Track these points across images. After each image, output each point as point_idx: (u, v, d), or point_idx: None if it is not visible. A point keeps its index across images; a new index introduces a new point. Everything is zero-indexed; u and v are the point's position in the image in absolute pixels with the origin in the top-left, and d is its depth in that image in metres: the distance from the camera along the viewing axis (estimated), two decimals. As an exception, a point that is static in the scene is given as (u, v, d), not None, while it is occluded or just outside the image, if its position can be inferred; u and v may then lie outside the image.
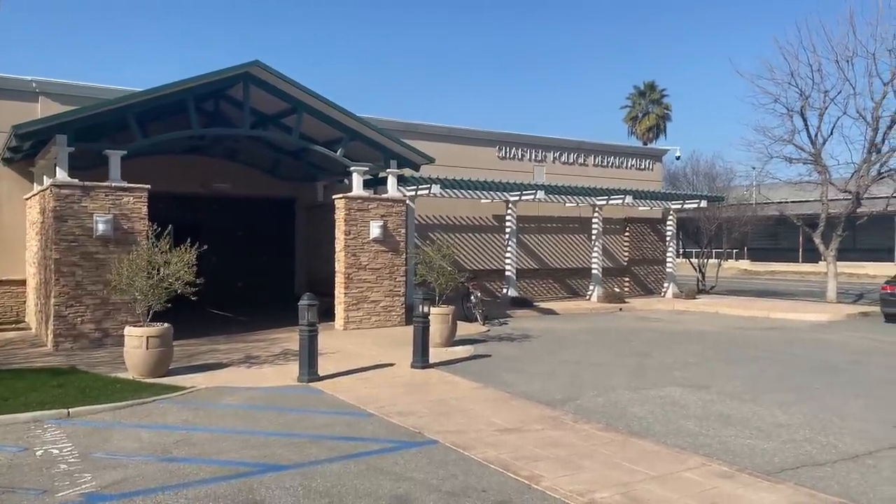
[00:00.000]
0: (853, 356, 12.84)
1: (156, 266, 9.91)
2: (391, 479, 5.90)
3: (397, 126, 19.22)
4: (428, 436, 7.16)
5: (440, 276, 13.21)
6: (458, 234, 20.90)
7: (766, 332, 16.37)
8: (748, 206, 30.95)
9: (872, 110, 22.41)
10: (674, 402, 8.93)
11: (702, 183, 31.10)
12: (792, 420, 8.04)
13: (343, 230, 15.02)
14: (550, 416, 8.10)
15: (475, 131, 22.20)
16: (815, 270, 36.94)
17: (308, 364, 9.67)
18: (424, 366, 10.74)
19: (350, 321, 15.00)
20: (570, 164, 24.24)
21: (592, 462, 6.37)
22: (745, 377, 10.67)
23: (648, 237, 25.43)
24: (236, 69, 13.53)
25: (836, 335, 15.82)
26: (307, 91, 14.15)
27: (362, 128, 15.12)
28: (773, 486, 5.80)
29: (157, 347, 9.72)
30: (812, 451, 6.88)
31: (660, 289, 25.05)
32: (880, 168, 22.93)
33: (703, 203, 24.15)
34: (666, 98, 55.98)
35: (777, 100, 23.40)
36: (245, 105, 14.13)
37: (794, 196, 31.77)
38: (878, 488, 5.83)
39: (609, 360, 12.11)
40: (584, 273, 23.28)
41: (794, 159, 23.94)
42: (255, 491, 5.61)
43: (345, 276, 14.98)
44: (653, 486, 5.73)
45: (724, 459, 6.51)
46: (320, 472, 6.05)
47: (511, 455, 6.52)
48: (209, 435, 7.18)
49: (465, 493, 5.61)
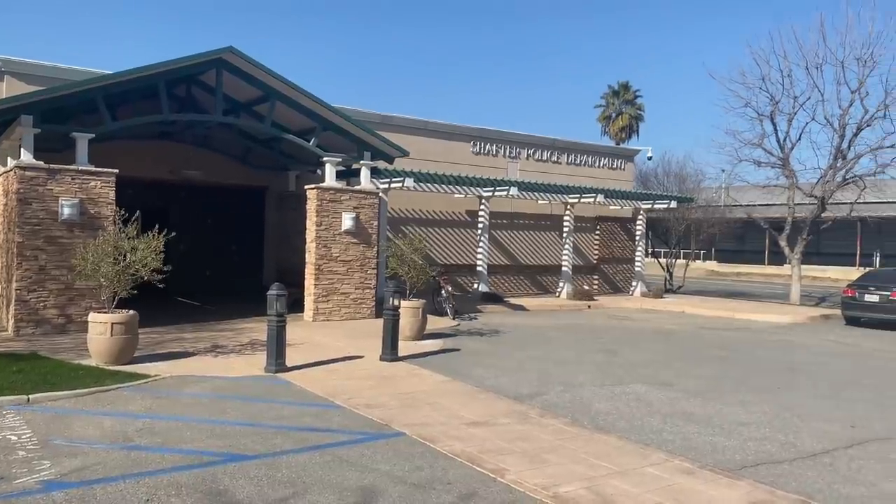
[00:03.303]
0: (814, 357, 13.12)
1: (122, 252, 9.75)
2: (357, 471, 5.88)
3: (372, 118, 19.12)
4: (395, 428, 7.16)
5: (411, 269, 13.20)
6: (431, 229, 20.89)
7: (730, 332, 16.64)
8: (717, 208, 31.40)
9: (839, 117, 22.91)
10: (639, 398, 9.04)
11: (672, 184, 31.50)
12: (753, 419, 8.19)
13: (315, 221, 14.92)
14: (517, 410, 8.15)
15: (450, 126, 22.18)
16: (780, 273, 37.63)
17: (276, 354, 9.59)
18: (393, 359, 10.72)
19: (319, 313, 14.91)
20: (544, 162, 24.36)
21: (557, 456, 6.43)
22: (708, 376, 10.84)
23: (618, 236, 25.68)
24: (209, 55, 13.34)
25: (798, 337, 16.14)
26: (280, 79, 14.01)
27: (336, 118, 15.02)
28: (733, 482, 5.91)
29: (121, 334, 9.57)
30: (772, 449, 7.01)
31: (628, 287, 25.31)
32: (845, 174, 23.42)
33: (672, 204, 24.44)
34: (639, 99, 56.53)
35: (748, 104, 23.80)
36: (217, 91, 13.94)
37: (761, 199, 32.31)
38: (833, 486, 5.97)
39: (577, 356, 12.21)
40: (554, 270, 23.43)
41: (763, 163, 24.37)
42: (219, 480, 5.56)
43: (315, 267, 14.89)
44: (616, 481, 5.80)
45: (686, 456, 6.61)
46: (285, 463, 6.02)
47: (477, 448, 6.55)
48: (173, 423, 7.09)
49: (430, 485, 5.62)
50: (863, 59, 22.06)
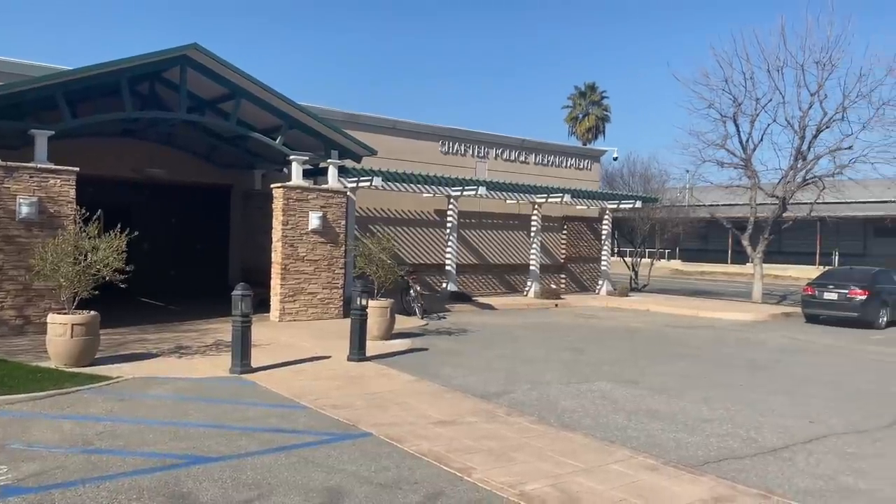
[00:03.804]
0: (775, 354, 13.39)
1: (83, 252, 9.55)
2: (323, 472, 5.85)
3: (339, 116, 19.01)
4: (362, 428, 7.13)
5: (380, 269, 13.16)
6: (400, 228, 20.85)
7: (694, 330, 16.91)
8: (681, 208, 31.87)
9: (799, 119, 23.44)
10: (604, 396, 9.14)
11: (637, 184, 31.89)
12: (716, 415, 8.33)
13: (281, 220, 14.78)
14: (485, 409, 8.18)
15: (418, 125, 22.16)
16: (742, 272, 38.34)
17: (241, 355, 9.49)
18: (361, 359, 10.68)
19: (286, 313, 14.79)
20: (512, 162, 24.46)
21: (524, 454, 6.46)
22: (672, 373, 11.00)
23: (585, 236, 25.92)
24: (173, 51, 13.13)
25: (760, 334, 16.46)
26: (246, 76, 13.86)
27: (302, 116, 14.90)
28: (695, 478, 6.00)
29: (82, 336, 9.37)
30: (734, 444, 7.14)
31: (595, 286, 25.56)
32: (805, 175, 23.96)
33: (637, 204, 24.75)
34: (606, 100, 57.10)
35: (711, 105, 24.22)
36: (182, 89, 13.74)
37: (724, 199, 32.87)
38: (792, 480, 6.10)
39: (544, 354, 12.29)
40: (522, 269, 23.55)
41: (726, 163, 24.82)
42: (182, 483, 5.48)
43: (282, 266, 14.76)
44: (581, 478, 5.85)
45: (650, 452, 6.69)
46: (251, 465, 5.96)
47: (444, 447, 6.56)
48: (135, 426, 6.97)
49: (397, 485, 5.61)
50: (822, 62, 22.62)
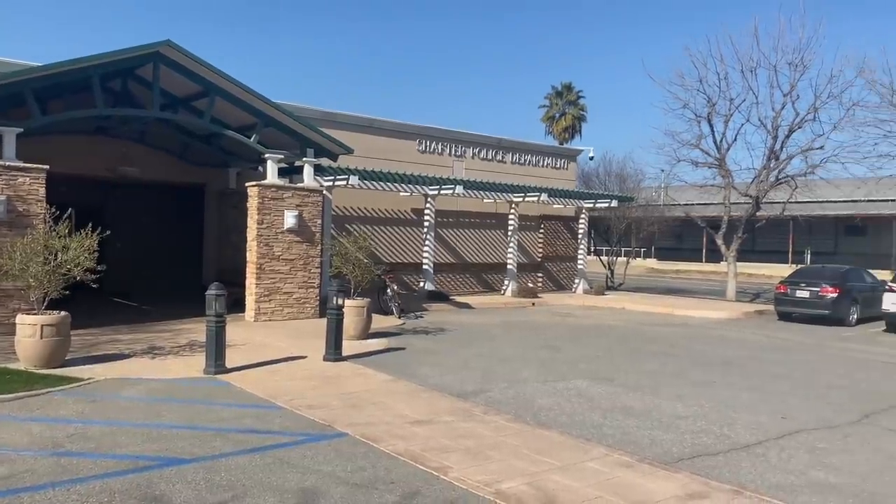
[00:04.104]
0: (748, 352, 13.56)
1: (53, 251, 9.39)
2: (298, 472, 5.80)
3: (315, 114, 18.89)
4: (338, 428, 7.09)
5: (356, 268, 13.10)
6: (377, 227, 20.78)
7: (669, 328, 17.06)
8: (656, 207, 32.14)
9: (772, 119, 23.75)
10: (580, 394, 9.18)
11: (613, 183, 32.13)
12: (690, 412, 8.41)
13: (256, 219, 14.65)
14: (461, 408, 8.17)
15: (395, 123, 22.10)
16: (717, 270, 38.77)
17: (215, 355, 9.39)
18: (337, 359, 10.62)
19: (261, 313, 14.67)
20: (489, 161, 24.50)
21: (500, 453, 6.47)
22: (648, 371, 11.09)
23: (562, 234, 26.04)
24: (146, 48, 12.96)
25: (733, 332, 16.66)
26: (220, 73, 13.72)
27: (277, 114, 14.79)
28: (670, 475, 6.05)
29: (52, 336, 9.21)
30: (707, 441, 7.21)
31: (571, 285, 25.69)
32: (778, 174, 24.29)
33: (613, 203, 24.93)
34: (582, 99, 57.41)
35: (686, 105, 24.44)
36: (155, 86, 13.57)
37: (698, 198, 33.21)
38: (765, 476, 6.17)
39: (521, 353, 12.33)
40: (499, 268, 23.60)
41: (700, 163, 25.07)
42: (155, 485, 5.40)
43: (257, 266, 14.63)
44: (557, 476, 5.87)
45: (625, 450, 6.74)
46: (225, 466, 5.89)
47: (421, 447, 6.54)
48: (107, 428, 6.86)
49: (373, 485, 5.59)
50: (794, 63, 22.95)
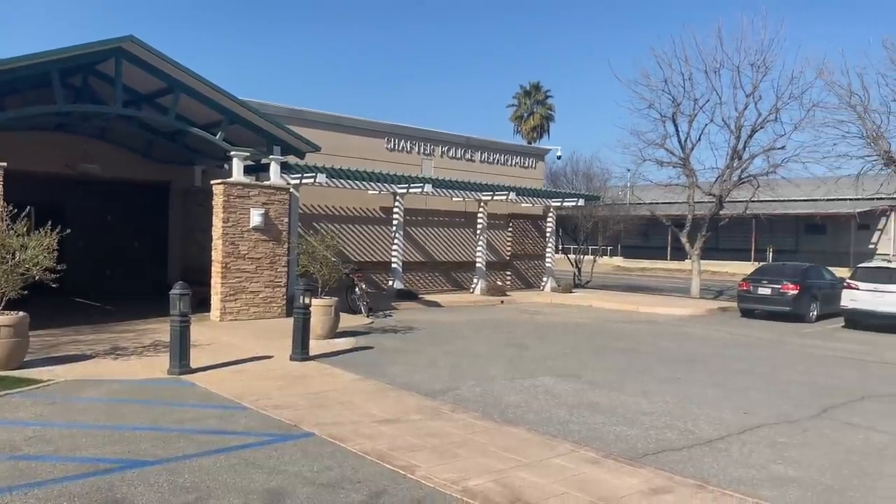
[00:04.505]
0: (712, 348, 13.78)
1: (10, 250, 9.17)
2: (264, 473, 5.75)
3: (282, 112, 18.70)
4: (304, 428, 7.03)
5: (323, 267, 13.02)
6: (345, 225, 20.67)
7: (635, 324, 17.27)
8: (622, 206, 32.53)
9: (735, 119, 24.17)
10: (548, 391, 9.25)
11: (580, 182, 32.43)
12: (655, 408, 8.52)
13: (221, 217, 14.47)
14: (429, 406, 8.17)
15: (364, 121, 21.99)
16: (681, 268, 39.36)
17: (179, 356, 9.26)
18: (304, 358, 10.54)
19: (227, 312, 14.49)
20: (458, 159, 24.51)
21: (468, 450, 6.48)
22: (614, 367, 11.21)
23: (530, 233, 26.18)
24: (108, 43, 12.71)
25: (697, 328, 16.92)
26: (185, 70, 13.52)
27: (243, 111, 14.62)
28: (635, 470, 6.12)
29: (9, 338, 8.99)
30: (672, 436, 7.31)
31: (539, 283, 25.85)
32: (741, 174, 24.70)
33: (580, 202, 25.14)
34: (550, 99, 57.85)
35: (651, 105, 24.74)
36: (117, 82, 13.32)
37: (663, 197, 33.72)
38: (727, 470, 6.28)
39: (489, 351, 12.37)
40: (468, 266, 23.64)
41: (665, 162, 25.39)
42: (116, 488, 5.31)
43: (222, 265, 14.45)
44: (524, 473, 5.90)
45: (591, 446, 6.80)
46: (188, 467, 5.81)
47: (388, 446, 6.52)
48: (67, 431, 6.72)
49: (339, 484, 5.56)
50: (756, 64, 23.37)
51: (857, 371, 11.75)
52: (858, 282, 17.80)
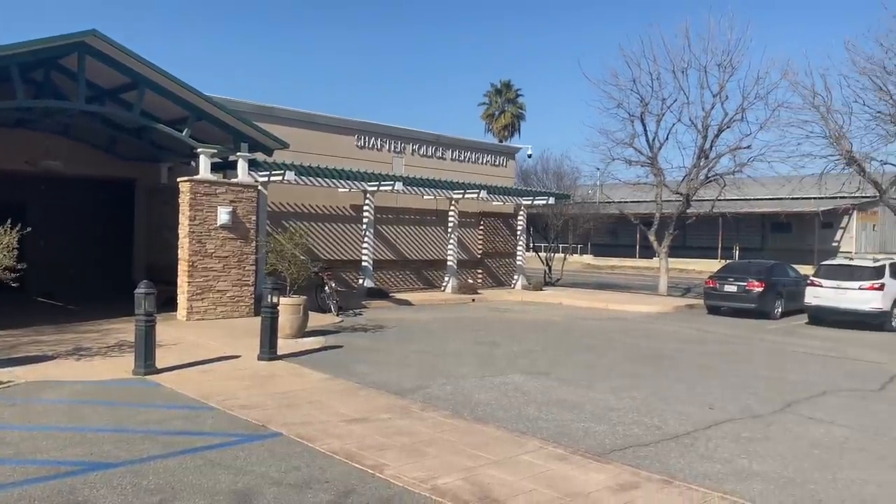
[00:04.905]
0: (679, 345, 13.95)
1: (-32, 249, 8.94)
2: (231, 474, 5.68)
3: (250, 108, 18.49)
4: (272, 428, 6.97)
5: (292, 265, 12.90)
6: (314, 223, 20.51)
7: (603, 322, 17.42)
8: (592, 205, 32.79)
9: (702, 119, 24.46)
10: (517, 388, 9.28)
11: (551, 181, 32.60)
12: (622, 404, 8.60)
13: (188, 215, 14.27)
14: (399, 405, 8.15)
15: (334, 118, 21.85)
16: (650, 266, 39.79)
17: (144, 356, 9.11)
18: (272, 358, 10.44)
19: (194, 311, 14.30)
20: (429, 157, 24.48)
21: (437, 449, 6.47)
22: (583, 364, 11.29)
23: (501, 231, 26.25)
24: (70, 37, 12.44)
25: (665, 325, 17.12)
26: (149, 65, 13.29)
27: (210, 107, 14.42)
28: (602, 466, 6.17)
29: (-32, 339, 8.77)
30: (639, 432, 7.39)
31: (510, 281, 25.94)
32: (708, 172, 25.03)
33: (551, 200, 25.27)
34: (521, 97, 58.01)
35: (620, 105, 24.94)
36: (80, 77, 13.05)
37: (632, 196, 34.10)
38: (693, 465, 6.36)
39: (459, 349, 12.37)
40: (439, 265, 23.63)
41: (634, 161, 25.62)
42: (78, 491, 5.20)
43: (189, 263, 14.25)
44: (493, 471, 5.91)
45: (560, 442, 6.84)
46: (153, 469, 5.72)
47: (357, 445, 6.49)
48: (27, 433, 6.57)
49: (308, 484, 5.51)
50: (723, 64, 23.68)
51: (819, 366, 11.98)
52: (822, 279, 18.15)
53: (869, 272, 17.66)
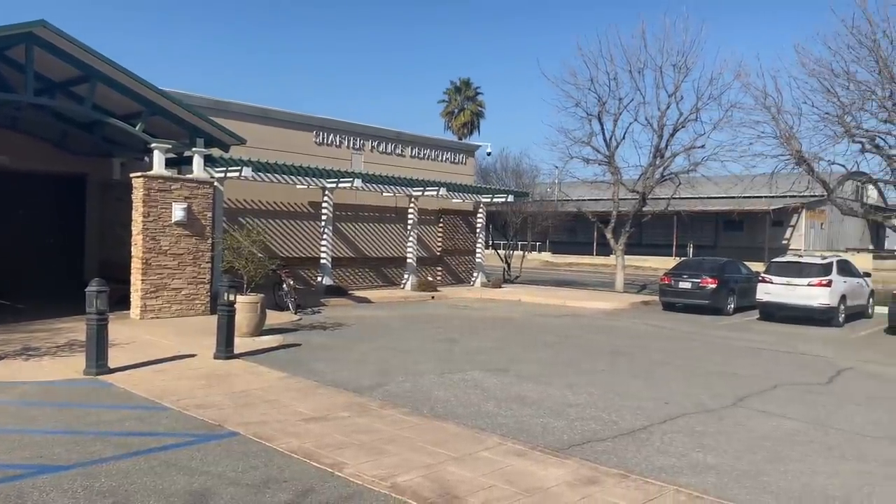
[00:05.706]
0: (635, 341, 14.18)
1: None
2: (186, 475, 5.58)
3: (206, 103, 18.14)
4: (229, 428, 6.87)
5: (249, 262, 12.73)
6: (272, 220, 20.26)
7: (561, 318, 17.60)
8: (550, 203, 33.12)
9: (658, 119, 24.90)
10: (476, 385, 9.31)
11: (510, 179, 32.80)
12: (581, 400, 8.70)
13: (141, 212, 13.95)
14: (357, 402, 8.11)
15: (292, 114, 21.58)
16: (607, 263, 40.31)
17: (96, 355, 8.88)
18: (229, 356, 10.28)
19: (148, 310, 14.00)
20: (388, 154, 24.37)
21: (397, 446, 6.46)
22: (541, 361, 11.39)
23: (461, 229, 26.30)
24: (17, 28, 12.01)
25: (621, 322, 17.38)
26: (101, 57, 12.93)
27: (164, 101, 14.11)
28: (561, 461, 6.23)
29: None
30: (596, 427, 7.49)
31: (470, 278, 26.02)
32: (663, 171, 25.49)
33: (510, 198, 25.42)
34: (480, 95, 58.24)
35: (578, 104, 25.24)
36: (28, 69, 12.63)
37: (590, 194, 34.48)
38: (649, 459, 6.47)
39: (419, 346, 12.37)
40: (399, 262, 23.57)
41: (591, 160, 25.96)
42: (27, 495, 5.05)
43: (142, 261, 13.94)
44: (453, 467, 5.92)
45: (519, 438, 6.89)
46: (105, 471, 5.58)
47: (315, 444, 6.44)
48: (-28, 436, 6.36)
49: (266, 484, 5.45)
50: (678, 65, 24.13)
51: (770, 361, 12.31)
52: (772, 276, 18.64)
53: (817, 269, 18.19)
